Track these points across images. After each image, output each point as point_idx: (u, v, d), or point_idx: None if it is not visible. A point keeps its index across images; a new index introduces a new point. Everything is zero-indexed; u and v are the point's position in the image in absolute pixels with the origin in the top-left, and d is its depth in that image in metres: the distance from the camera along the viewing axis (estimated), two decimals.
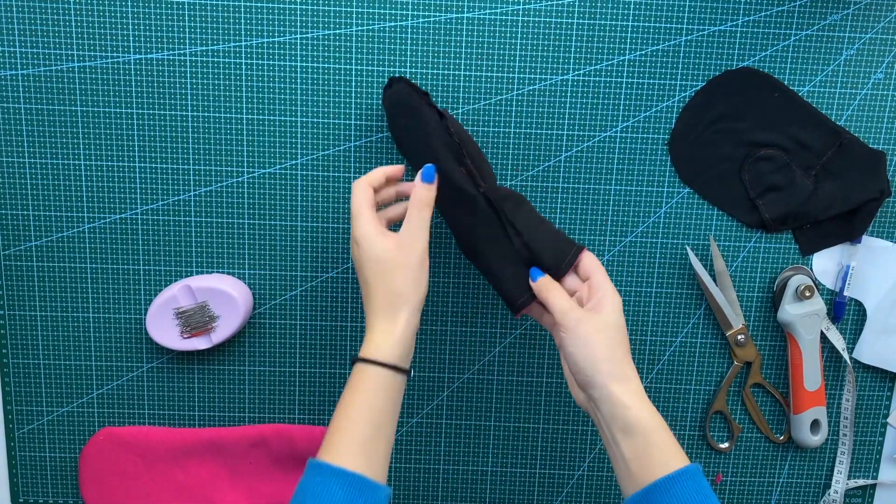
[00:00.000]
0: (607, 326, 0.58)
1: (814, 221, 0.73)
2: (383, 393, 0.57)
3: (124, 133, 0.70)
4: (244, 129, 0.70)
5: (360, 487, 0.54)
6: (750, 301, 0.75)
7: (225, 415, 0.76)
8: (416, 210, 0.60)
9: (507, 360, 0.76)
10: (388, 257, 0.58)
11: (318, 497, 0.53)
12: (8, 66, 0.68)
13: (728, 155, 0.72)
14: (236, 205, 0.71)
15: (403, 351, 0.58)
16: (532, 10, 0.68)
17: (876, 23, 0.70)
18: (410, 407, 0.77)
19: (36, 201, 0.71)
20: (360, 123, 0.70)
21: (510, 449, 0.78)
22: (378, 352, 0.58)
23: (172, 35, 0.68)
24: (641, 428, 0.55)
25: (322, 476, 0.54)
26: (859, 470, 0.79)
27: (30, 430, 0.76)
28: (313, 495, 0.54)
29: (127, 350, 0.74)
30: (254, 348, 0.75)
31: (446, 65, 0.69)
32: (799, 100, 0.71)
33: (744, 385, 0.77)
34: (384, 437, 0.57)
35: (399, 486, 0.79)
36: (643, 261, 0.74)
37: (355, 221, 0.60)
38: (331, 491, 0.53)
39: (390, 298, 0.58)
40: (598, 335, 0.57)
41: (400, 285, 0.58)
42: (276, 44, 0.68)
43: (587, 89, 0.70)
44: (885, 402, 0.78)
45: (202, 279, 0.71)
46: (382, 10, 0.68)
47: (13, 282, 0.72)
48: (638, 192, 0.73)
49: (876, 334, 0.76)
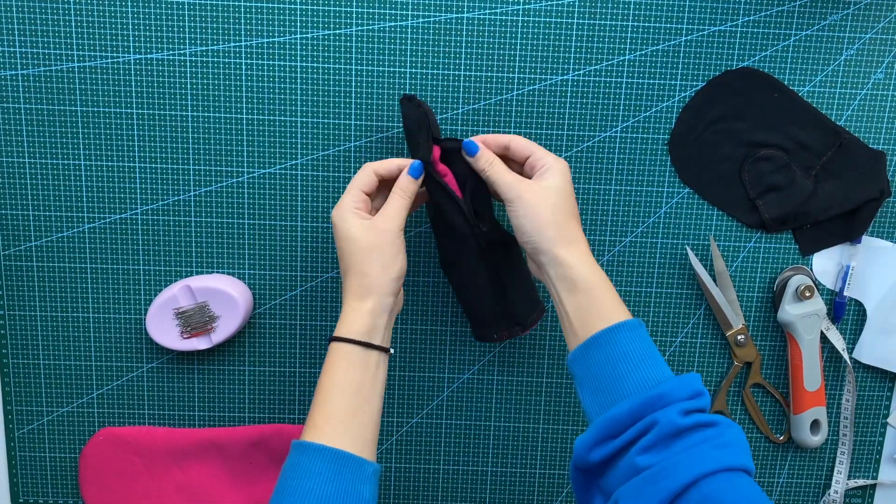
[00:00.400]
0: (551, 192, 0.59)
1: (814, 221, 0.73)
2: (358, 369, 0.58)
3: (124, 133, 0.70)
4: (244, 129, 0.70)
5: (342, 462, 0.54)
6: (750, 301, 0.75)
7: (225, 415, 0.76)
8: (396, 196, 0.61)
9: (507, 360, 0.76)
10: (359, 237, 0.59)
11: (300, 476, 0.53)
12: (8, 66, 0.68)
13: (728, 155, 0.72)
14: (236, 205, 0.71)
15: (373, 328, 0.59)
16: (532, 10, 0.68)
17: (876, 23, 0.70)
18: (410, 407, 0.77)
19: (36, 201, 0.71)
20: (360, 123, 0.70)
21: (510, 449, 0.78)
22: (348, 329, 0.58)
23: (172, 35, 0.68)
24: (583, 285, 0.57)
25: (305, 454, 0.54)
26: (859, 470, 0.79)
27: (30, 430, 0.76)
28: (295, 475, 0.53)
29: (127, 350, 0.74)
30: (254, 348, 0.75)
31: (446, 65, 0.69)
32: (799, 100, 0.71)
33: (744, 385, 0.77)
34: (366, 414, 0.57)
35: (399, 485, 0.79)
36: (643, 261, 0.74)
37: (341, 199, 0.61)
38: (314, 468, 0.53)
39: (360, 279, 0.59)
40: (543, 203, 0.59)
41: (369, 266, 0.59)
42: (276, 44, 0.68)
43: (587, 89, 0.70)
44: (885, 402, 0.78)
45: (202, 279, 0.71)
46: (382, 10, 0.68)
47: (13, 282, 0.72)
48: (638, 192, 0.73)
49: (876, 334, 0.76)
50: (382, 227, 0.60)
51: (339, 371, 0.58)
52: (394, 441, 0.78)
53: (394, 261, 0.60)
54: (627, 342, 0.54)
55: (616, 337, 0.55)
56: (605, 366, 0.54)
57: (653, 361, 0.54)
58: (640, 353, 0.54)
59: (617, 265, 0.74)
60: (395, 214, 0.60)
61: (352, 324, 0.59)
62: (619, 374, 0.53)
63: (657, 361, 0.54)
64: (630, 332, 0.55)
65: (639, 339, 0.55)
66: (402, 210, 0.61)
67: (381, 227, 0.60)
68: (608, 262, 0.74)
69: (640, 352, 0.54)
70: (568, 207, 0.60)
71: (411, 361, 0.76)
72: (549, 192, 0.59)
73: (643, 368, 0.53)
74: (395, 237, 0.60)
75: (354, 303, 0.59)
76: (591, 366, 0.55)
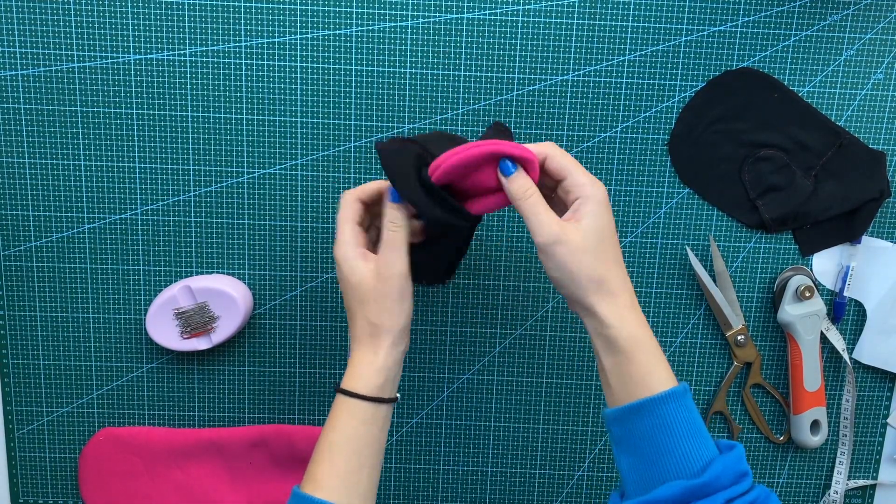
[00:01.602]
0: (591, 236, 0.52)
1: (814, 222, 0.73)
2: (365, 425, 0.55)
3: (124, 133, 0.70)
4: (244, 129, 0.70)
5: None
6: (750, 301, 0.75)
7: (225, 415, 0.76)
8: (388, 231, 0.56)
9: (507, 361, 0.76)
10: (366, 286, 0.55)
11: None
12: (8, 66, 0.68)
13: (728, 155, 0.72)
14: (236, 205, 0.71)
15: (385, 381, 0.56)
16: (532, 10, 0.68)
17: (876, 23, 0.70)
18: (410, 407, 0.77)
19: (36, 201, 0.71)
20: (360, 123, 0.70)
21: (510, 449, 0.78)
22: (359, 383, 0.56)
23: (172, 35, 0.68)
24: (623, 346, 0.52)
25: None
26: (859, 470, 0.79)
27: (30, 430, 0.76)
28: None
29: (127, 350, 0.74)
30: (254, 348, 0.75)
31: (446, 65, 0.69)
32: (799, 100, 0.71)
33: (744, 385, 0.77)
34: (368, 468, 0.56)
35: (399, 486, 0.79)
36: (643, 261, 0.74)
37: (336, 239, 0.57)
38: None
39: (370, 328, 0.56)
40: (581, 251, 0.52)
41: (379, 315, 0.55)
42: (276, 44, 0.68)
43: (587, 89, 0.70)
44: (885, 402, 0.78)
45: (202, 279, 0.71)
46: (382, 10, 0.68)
47: (13, 282, 0.72)
48: (638, 193, 0.73)
49: (876, 335, 0.76)
50: (387, 273, 0.55)
51: (347, 427, 0.55)
52: (394, 441, 0.78)
53: (402, 307, 0.56)
54: (671, 413, 0.51)
55: (659, 409, 0.51)
56: (646, 437, 0.51)
57: (696, 434, 0.51)
58: (683, 427, 0.51)
59: None
60: (397, 257, 0.56)
61: (361, 378, 0.56)
62: (662, 449, 0.51)
63: (700, 433, 0.51)
64: (675, 402, 0.51)
65: (683, 408, 0.51)
66: (401, 246, 0.56)
67: (385, 274, 0.55)
68: None
69: (683, 424, 0.51)
70: (609, 251, 0.53)
71: (411, 361, 0.76)
72: (589, 237, 0.52)
73: (686, 443, 0.50)
74: (402, 281, 0.56)
75: (364, 355, 0.56)
76: (632, 433, 0.52)
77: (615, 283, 0.53)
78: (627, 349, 0.52)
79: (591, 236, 0.52)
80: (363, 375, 0.56)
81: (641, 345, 0.52)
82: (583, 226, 0.53)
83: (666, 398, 0.51)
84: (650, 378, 0.52)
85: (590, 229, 0.52)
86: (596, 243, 0.52)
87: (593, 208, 0.53)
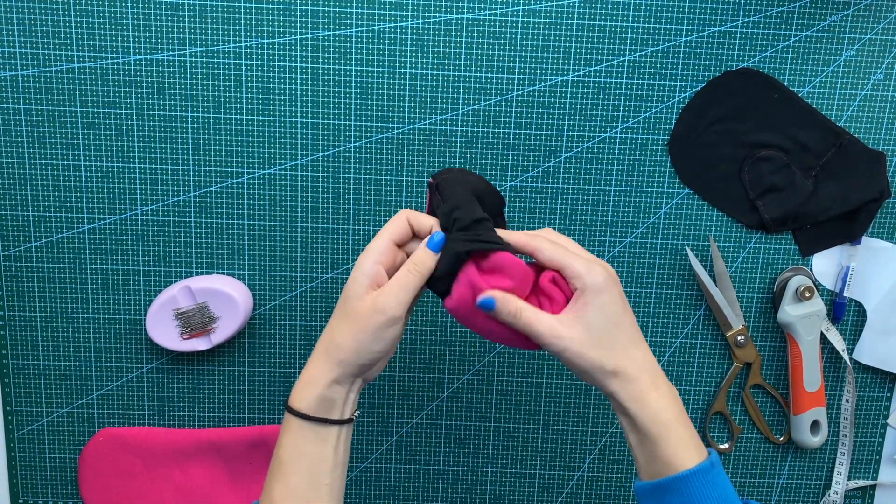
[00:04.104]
0: (593, 330, 0.51)
1: (814, 222, 0.73)
2: (312, 444, 0.52)
3: (124, 133, 0.70)
4: (244, 129, 0.70)
5: None
6: (750, 302, 0.75)
7: (225, 415, 0.76)
8: (406, 271, 0.52)
9: (507, 361, 0.76)
10: (354, 304, 0.51)
11: None
12: (8, 66, 0.68)
13: (728, 156, 0.72)
14: (236, 205, 0.71)
15: (330, 404, 0.52)
16: (532, 11, 0.68)
17: (876, 23, 0.70)
18: (410, 408, 0.77)
19: (36, 201, 0.71)
20: (360, 124, 0.70)
21: (510, 449, 0.78)
22: (299, 399, 0.52)
23: (172, 35, 0.68)
24: (644, 428, 0.51)
25: None
26: (859, 471, 0.79)
27: (30, 430, 0.76)
28: None
29: (127, 351, 0.74)
30: (254, 349, 0.75)
31: (446, 65, 0.69)
32: (799, 100, 0.71)
33: (744, 386, 0.77)
34: (326, 486, 0.53)
35: (399, 486, 0.79)
36: (643, 261, 0.74)
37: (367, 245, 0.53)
38: None
39: (331, 346, 0.52)
40: (588, 344, 0.51)
41: (345, 338, 0.51)
42: (276, 44, 0.68)
43: (587, 90, 0.70)
44: (885, 402, 0.78)
45: (202, 280, 0.71)
46: (382, 11, 0.68)
47: (13, 282, 0.72)
48: (638, 193, 0.73)
49: (876, 335, 0.76)
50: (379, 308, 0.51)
51: (293, 446, 0.52)
52: (394, 441, 0.78)
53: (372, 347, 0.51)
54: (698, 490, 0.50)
55: (686, 487, 0.50)
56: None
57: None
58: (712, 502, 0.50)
59: (617, 266, 0.74)
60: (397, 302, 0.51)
61: (304, 399, 0.52)
62: None
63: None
64: (702, 479, 0.50)
65: (711, 485, 0.50)
66: (409, 290, 0.51)
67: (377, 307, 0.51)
68: (608, 263, 0.74)
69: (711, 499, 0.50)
70: (620, 337, 0.51)
71: (411, 362, 0.76)
72: (593, 330, 0.50)
73: None
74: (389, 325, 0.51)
75: (314, 371, 0.52)
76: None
77: (632, 369, 0.51)
78: (650, 431, 0.51)
79: (596, 329, 0.51)
80: (305, 397, 0.52)
81: (665, 425, 0.51)
82: (585, 320, 0.51)
83: (692, 476, 0.50)
84: (675, 458, 0.51)
85: (593, 322, 0.51)
86: (603, 334, 0.51)
87: (593, 299, 0.51)
